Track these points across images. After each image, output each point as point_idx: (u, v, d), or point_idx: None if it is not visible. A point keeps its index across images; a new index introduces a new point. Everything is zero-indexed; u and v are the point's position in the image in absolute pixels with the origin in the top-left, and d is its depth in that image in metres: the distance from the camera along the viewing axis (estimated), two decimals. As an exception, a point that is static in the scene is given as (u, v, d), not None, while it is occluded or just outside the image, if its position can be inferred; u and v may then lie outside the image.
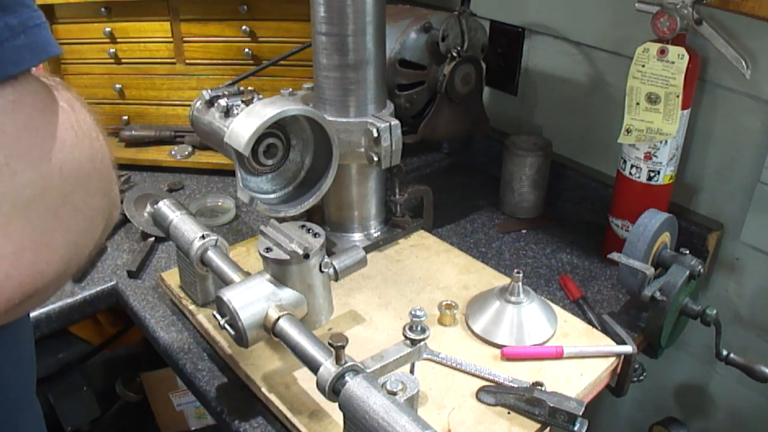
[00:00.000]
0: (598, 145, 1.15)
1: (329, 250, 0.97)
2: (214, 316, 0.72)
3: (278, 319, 0.69)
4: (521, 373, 0.76)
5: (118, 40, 1.24)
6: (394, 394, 0.58)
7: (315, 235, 0.75)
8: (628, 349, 0.79)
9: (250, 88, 0.90)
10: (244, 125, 0.80)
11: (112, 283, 0.98)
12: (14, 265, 0.35)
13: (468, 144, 1.36)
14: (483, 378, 0.75)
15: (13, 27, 0.33)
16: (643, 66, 0.88)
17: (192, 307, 0.88)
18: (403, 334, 0.68)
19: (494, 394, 0.72)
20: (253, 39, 1.20)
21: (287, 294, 0.73)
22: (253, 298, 0.70)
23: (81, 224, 0.40)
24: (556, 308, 0.86)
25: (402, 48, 1.01)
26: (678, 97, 0.87)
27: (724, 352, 0.85)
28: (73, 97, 0.41)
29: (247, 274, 0.76)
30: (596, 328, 0.84)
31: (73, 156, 0.38)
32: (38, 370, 0.53)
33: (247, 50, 1.21)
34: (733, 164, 0.97)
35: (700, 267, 0.84)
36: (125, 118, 1.30)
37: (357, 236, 1.00)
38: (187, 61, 1.24)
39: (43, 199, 0.36)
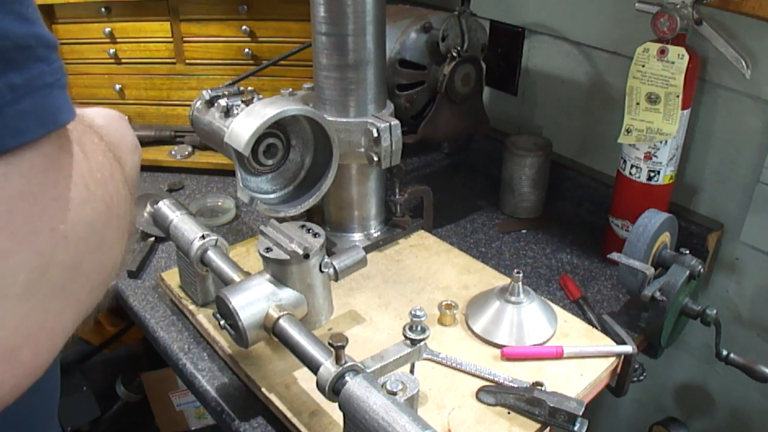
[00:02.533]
0: (598, 145, 1.15)
1: (329, 250, 0.97)
2: (214, 316, 0.72)
3: (278, 319, 0.69)
4: (521, 373, 0.76)
5: (118, 40, 1.24)
6: (394, 394, 0.58)
7: (315, 235, 0.75)
8: (628, 349, 0.79)
9: (250, 88, 0.90)
10: (244, 125, 0.80)
11: (112, 282, 0.97)
12: (8, 369, 0.28)
13: (468, 144, 1.35)
14: (483, 378, 0.75)
15: (17, 87, 0.27)
16: (643, 66, 0.88)
17: (192, 307, 0.87)
18: (403, 334, 0.68)
19: (494, 394, 0.72)
20: (253, 39, 1.20)
21: (287, 294, 0.72)
22: (253, 298, 0.70)
23: (92, 292, 0.33)
24: (556, 308, 0.86)
25: (402, 48, 1.01)
26: (678, 97, 0.87)
27: (724, 352, 0.85)
28: (85, 133, 0.34)
29: (247, 274, 0.76)
30: (596, 328, 0.84)
31: (83, 216, 0.31)
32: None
33: (247, 50, 1.21)
34: (733, 164, 0.97)
35: (700, 267, 0.84)
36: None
37: (357, 236, 1.00)
38: (187, 61, 1.24)
39: (44, 279, 0.29)
